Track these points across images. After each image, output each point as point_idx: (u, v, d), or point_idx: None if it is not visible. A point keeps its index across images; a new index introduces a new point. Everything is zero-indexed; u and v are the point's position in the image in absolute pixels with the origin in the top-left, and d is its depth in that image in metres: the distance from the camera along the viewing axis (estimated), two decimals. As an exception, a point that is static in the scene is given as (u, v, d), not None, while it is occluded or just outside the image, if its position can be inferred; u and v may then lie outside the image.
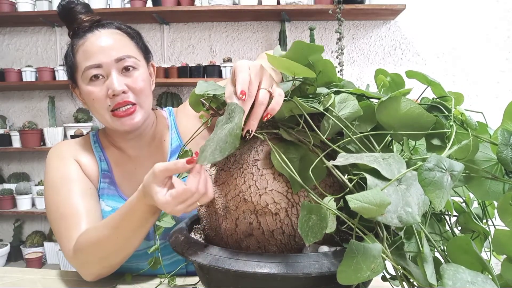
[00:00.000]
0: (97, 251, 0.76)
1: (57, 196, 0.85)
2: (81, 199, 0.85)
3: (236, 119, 0.50)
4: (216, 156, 0.50)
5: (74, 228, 0.81)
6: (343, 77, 2.57)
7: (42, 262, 2.78)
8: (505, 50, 2.71)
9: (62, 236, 0.82)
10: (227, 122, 0.52)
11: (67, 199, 0.84)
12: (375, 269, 0.42)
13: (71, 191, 0.86)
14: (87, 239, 0.77)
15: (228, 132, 0.50)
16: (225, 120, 0.53)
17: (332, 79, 0.61)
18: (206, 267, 0.53)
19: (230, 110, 0.52)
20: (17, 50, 3.00)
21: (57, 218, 0.84)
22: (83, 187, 0.88)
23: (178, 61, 2.90)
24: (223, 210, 0.57)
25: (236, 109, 0.51)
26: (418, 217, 0.41)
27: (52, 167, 0.90)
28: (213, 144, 0.51)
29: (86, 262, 0.78)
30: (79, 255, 0.78)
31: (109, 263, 0.78)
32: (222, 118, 0.53)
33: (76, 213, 0.83)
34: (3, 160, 3.05)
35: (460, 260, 0.45)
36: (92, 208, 0.86)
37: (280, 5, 2.57)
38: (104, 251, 0.75)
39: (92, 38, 0.86)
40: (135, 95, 0.86)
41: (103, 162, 0.94)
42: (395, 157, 0.46)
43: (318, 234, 0.45)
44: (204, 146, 0.53)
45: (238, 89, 0.54)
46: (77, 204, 0.84)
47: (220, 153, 0.49)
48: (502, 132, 0.48)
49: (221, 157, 0.49)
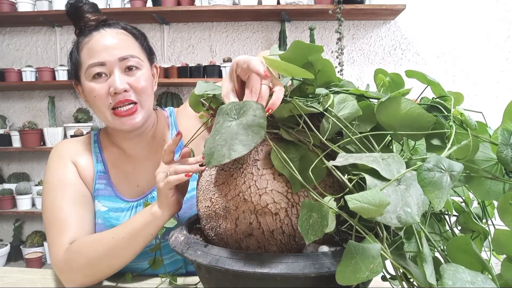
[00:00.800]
0: (89, 250, 0.78)
1: (53, 200, 0.87)
2: (74, 207, 0.87)
3: (252, 112, 0.50)
4: (239, 151, 0.48)
5: (63, 235, 0.83)
6: (343, 77, 2.57)
7: (42, 262, 2.78)
8: (505, 50, 2.71)
9: (52, 239, 0.84)
10: (235, 119, 0.51)
11: (61, 204, 0.86)
12: (374, 269, 0.42)
13: (65, 197, 0.88)
14: (86, 239, 0.82)
15: (246, 125, 0.49)
16: (228, 118, 0.52)
17: (331, 78, 0.61)
18: (206, 267, 0.53)
19: (240, 106, 0.52)
20: (17, 50, 3.00)
21: (50, 221, 0.86)
22: (78, 193, 0.90)
23: (178, 61, 2.90)
24: (223, 210, 0.57)
25: (250, 104, 0.51)
26: (417, 217, 0.41)
27: (52, 168, 0.92)
28: (223, 141, 0.49)
29: (73, 266, 0.79)
30: (68, 257, 0.80)
31: (94, 270, 0.79)
32: (220, 118, 0.53)
33: (67, 220, 0.85)
34: (3, 160, 3.05)
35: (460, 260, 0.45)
36: (83, 217, 0.88)
37: (280, 5, 2.57)
38: (96, 249, 0.78)
39: (97, 37, 0.87)
40: (137, 94, 0.87)
41: (100, 163, 0.95)
42: (394, 157, 0.46)
43: (319, 232, 0.45)
44: (211, 148, 0.50)
45: (260, 70, 0.54)
46: (69, 211, 0.86)
47: (244, 147, 0.48)
48: (502, 132, 0.48)
49: (246, 151, 0.48)
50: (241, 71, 0.57)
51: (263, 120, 0.49)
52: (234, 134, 0.49)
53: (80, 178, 0.92)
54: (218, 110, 0.53)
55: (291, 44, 0.56)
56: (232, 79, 0.59)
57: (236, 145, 0.48)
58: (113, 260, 0.78)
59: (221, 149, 0.49)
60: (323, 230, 0.44)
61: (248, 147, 0.48)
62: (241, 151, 0.48)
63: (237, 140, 0.48)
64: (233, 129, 0.50)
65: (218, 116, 0.53)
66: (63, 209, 0.86)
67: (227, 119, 0.52)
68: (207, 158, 0.50)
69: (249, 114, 0.50)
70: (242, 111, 0.51)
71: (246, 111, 0.51)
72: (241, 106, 0.52)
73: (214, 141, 0.50)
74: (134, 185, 0.95)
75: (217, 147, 0.50)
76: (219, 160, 0.49)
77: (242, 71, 0.57)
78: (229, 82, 0.58)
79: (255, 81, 0.54)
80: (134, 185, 0.95)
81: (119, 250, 0.77)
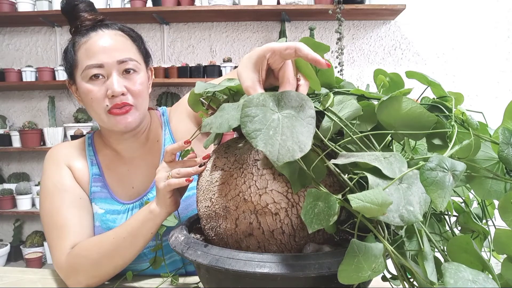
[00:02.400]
0: (92, 252, 0.78)
1: (50, 205, 0.87)
2: (72, 210, 0.87)
3: (298, 103, 0.47)
4: (306, 142, 0.45)
5: (64, 239, 0.83)
6: (343, 77, 2.57)
7: (42, 262, 2.78)
8: (505, 50, 2.71)
9: (53, 244, 0.84)
10: (275, 111, 0.48)
11: (59, 209, 0.86)
12: (376, 268, 0.42)
13: (63, 201, 0.87)
14: (88, 241, 0.82)
15: (298, 117, 0.46)
16: (268, 110, 0.48)
17: (330, 82, 0.61)
18: (206, 267, 0.52)
19: (278, 98, 0.48)
20: (17, 50, 3.00)
21: (49, 226, 0.86)
22: (75, 196, 0.90)
23: (178, 61, 2.90)
24: (223, 210, 0.57)
25: (291, 95, 0.48)
26: (419, 216, 0.41)
27: (47, 173, 0.92)
28: (283, 135, 0.46)
29: (78, 269, 0.79)
30: (72, 261, 0.80)
31: (100, 270, 0.79)
32: (255, 111, 0.47)
33: (66, 224, 0.85)
34: (3, 160, 3.05)
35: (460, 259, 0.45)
36: (82, 219, 0.88)
37: (280, 5, 2.57)
38: (98, 251, 0.78)
39: (95, 37, 0.86)
40: (133, 98, 0.87)
41: (95, 166, 0.95)
42: (396, 156, 0.45)
43: (324, 221, 0.43)
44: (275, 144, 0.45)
45: (318, 57, 0.49)
46: (68, 215, 0.86)
47: (307, 139, 0.45)
48: (503, 131, 0.48)
49: (310, 143, 0.45)
50: (280, 58, 0.52)
51: (313, 110, 0.47)
52: (292, 127, 0.46)
53: (76, 181, 0.92)
54: (245, 101, 0.48)
55: (300, 40, 0.55)
56: (258, 68, 0.54)
57: (300, 137, 0.45)
58: (116, 260, 0.78)
59: (284, 144, 0.45)
60: (329, 219, 0.43)
61: (310, 138, 0.45)
62: (307, 143, 0.45)
63: (297, 132, 0.45)
64: (286, 122, 0.46)
65: (250, 108, 0.47)
66: (62, 213, 0.86)
67: (268, 111, 0.47)
68: (273, 155, 0.44)
69: (295, 105, 0.47)
70: (283, 102, 0.48)
71: (289, 103, 0.48)
72: (280, 97, 0.48)
73: (268, 136, 0.45)
74: (129, 186, 0.95)
75: (279, 142, 0.45)
76: (290, 155, 0.44)
77: (281, 57, 0.52)
78: (253, 72, 0.53)
79: (292, 70, 0.52)
80: (129, 186, 0.95)
81: (121, 250, 0.77)
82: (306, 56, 0.49)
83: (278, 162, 0.44)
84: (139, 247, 0.77)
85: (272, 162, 0.44)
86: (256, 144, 0.45)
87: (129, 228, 0.76)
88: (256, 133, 0.45)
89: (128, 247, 0.77)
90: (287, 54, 0.51)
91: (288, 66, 0.52)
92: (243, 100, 0.50)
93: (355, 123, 0.55)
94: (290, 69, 0.52)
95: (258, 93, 0.49)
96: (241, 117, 0.47)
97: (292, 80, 0.51)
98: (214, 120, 0.55)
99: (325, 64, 0.49)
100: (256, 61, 0.53)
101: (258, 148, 0.45)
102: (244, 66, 0.54)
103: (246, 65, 0.54)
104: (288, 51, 0.50)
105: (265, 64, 0.53)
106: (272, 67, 0.54)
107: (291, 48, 0.50)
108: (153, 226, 0.74)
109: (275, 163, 0.44)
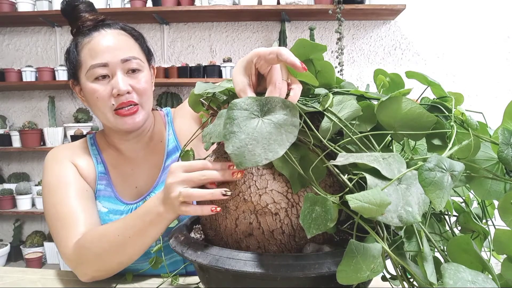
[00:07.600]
0: (96, 245, 0.76)
1: (54, 198, 0.86)
2: (78, 200, 0.86)
3: (282, 109, 0.47)
4: (276, 151, 0.45)
5: (71, 228, 0.81)
6: (343, 77, 2.57)
7: (42, 262, 2.78)
8: (505, 50, 2.71)
9: (59, 235, 0.82)
10: (258, 116, 0.48)
11: (64, 200, 0.85)
12: (374, 269, 0.42)
13: (68, 193, 0.86)
14: (92, 233, 0.79)
15: (277, 124, 0.46)
16: (250, 114, 0.48)
17: (330, 81, 0.61)
18: (206, 267, 0.52)
19: (263, 103, 0.48)
20: (17, 50, 3.00)
21: (54, 218, 0.84)
22: (80, 188, 0.89)
23: (178, 61, 2.90)
24: (223, 210, 0.57)
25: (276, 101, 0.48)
26: (418, 216, 0.41)
27: (49, 171, 0.91)
28: (253, 141, 0.46)
29: (83, 260, 0.78)
30: (77, 251, 0.78)
31: (104, 265, 0.77)
32: (238, 114, 0.48)
33: (73, 213, 0.83)
34: (3, 160, 3.05)
35: (460, 259, 0.45)
36: (89, 208, 0.87)
37: (280, 5, 2.57)
38: (102, 246, 0.76)
39: (98, 37, 0.87)
40: (138, 96, 0.87)
41: (100, 164, 0.94)
42: (395, 156, 0.45)
43: (322, 226, 0.44)
44: (239, 148, 0.46)
45: (296, 61, 0.49)
46: (74, 204, 0.85)
47: (280, 147, 0.45)
48: (502, 131, 0.48)
49: (282, 151, 0.46)
50: (265, 62, 0.53)
51: (296, 118, 0.47)
52: (267, 134, 0.46)
53: (82, 177, 0.92)
54: (231, 104, 0.48)
55: (296, 41, 0.55)
56: (248, 72, 0.55)
57: (272, 145, 0.45)
58: (120, 257, 0.76)
59: (253, 149, 0.45)
60: (326, 224, 0.43)
61: (284, 147, 0.46)
62: (278, 152, 0.45)
63: (271, 140, 0.46)
64: (262, 128, 0.46)
65: (233, 111, 0.48)
66: (68, 204, 0.84)
67: (249, 116, 0.48)
68: (237, 159, 0.46)
69: (279, 112, 0.48)
70: (266, 108, 0.48)
71: (272, 108, 0.48)
72: (265, 102, 0.49)
73: (239, 140, 0.46)
74: (133, 186, 0.95)
75: (247, 147, 0.46)
76: (254, 161, 0.45)
77: (266, 62, 0.52)
78: (243, 76, 0.54)
79: (279, 75, 0.52)
80: (133, 186, 0.95)
81: (126, 248, 0.75)
82: (285, 60, 0.50)
83: (240, 166, 0.46)
84: (146, 246, 0.75)
85: (236, 165, 0.46)
86: (226, 146, 0.47)
87: (136, 230, 0.73)
88: (230, 135, 0.47)
89: (133, 246, 0.75)
90: (271, 58, 0.52)
91: (274, 70, 0.53)
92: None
93: (354, 123, 0.55)
94: (277, 73, 0.52)
95: (246, 97, 0.50)
96: (225, 118, 0.48)
97: (279, 84, 0.52)
98: (213, 128, 0.55)
99: (302, 68, 0.50)
100: (245, 65, 0.55)
101: (226, 150, 0.46)
102: (236, 70, 0.56)
103: (239, 69, 0.56)
104: (271, 55, 0.51)
105: (253, 68, 0.55)
106: (260, 72, 0.55)
107: (274, 53, 0.51)
108: (162, 228, 0.72)
109: (238, 167, 0.46)
